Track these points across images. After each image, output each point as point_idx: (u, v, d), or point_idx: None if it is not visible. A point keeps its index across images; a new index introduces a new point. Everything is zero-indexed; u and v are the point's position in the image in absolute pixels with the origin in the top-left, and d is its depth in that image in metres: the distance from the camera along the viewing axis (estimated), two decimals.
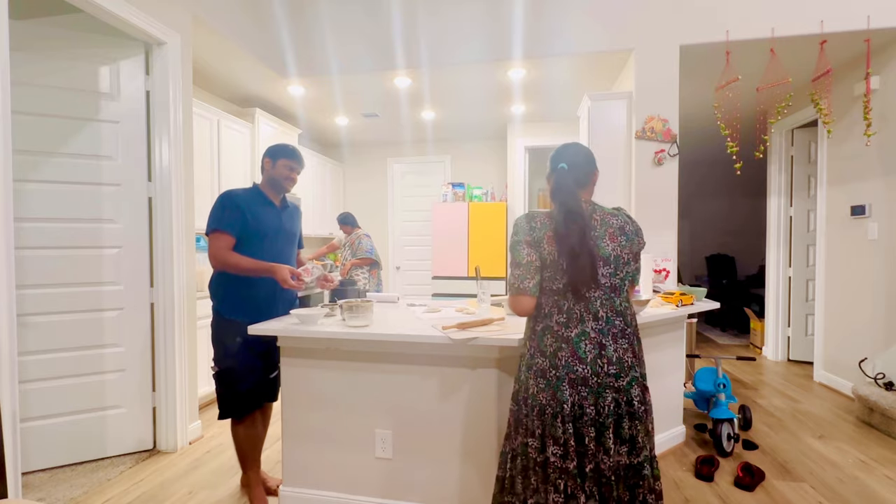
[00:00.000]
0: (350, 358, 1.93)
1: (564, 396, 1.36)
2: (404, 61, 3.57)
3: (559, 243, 1.38)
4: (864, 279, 3.36)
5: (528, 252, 1.41)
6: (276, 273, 1.92)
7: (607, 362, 1.37)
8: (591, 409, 1.36)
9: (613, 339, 1.39)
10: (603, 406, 1.37)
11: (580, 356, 1.37)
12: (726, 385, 2.73)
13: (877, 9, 2.88)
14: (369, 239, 4.60)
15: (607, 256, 1.39)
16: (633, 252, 1.44)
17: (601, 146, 3.42)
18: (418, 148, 6.18)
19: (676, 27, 3.15)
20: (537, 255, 1.40)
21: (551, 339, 1.40)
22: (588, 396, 1.36)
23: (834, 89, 3.47)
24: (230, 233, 1.94)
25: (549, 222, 1.41)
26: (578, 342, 1.37)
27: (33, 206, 2.34)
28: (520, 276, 1.41)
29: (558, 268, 1.38)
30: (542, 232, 1.40)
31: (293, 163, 2.09)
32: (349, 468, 1.95)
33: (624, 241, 1.42)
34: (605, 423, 1.37)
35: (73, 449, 2.44)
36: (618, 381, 1.38)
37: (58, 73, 2.39)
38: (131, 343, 2.56)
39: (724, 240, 7.16)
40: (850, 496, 2.15)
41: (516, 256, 1.43)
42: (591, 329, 1.38)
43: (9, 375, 1.80)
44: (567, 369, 1.37)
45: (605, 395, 1.37)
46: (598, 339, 1.38)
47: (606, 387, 1.37)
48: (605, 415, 1.37)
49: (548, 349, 1.40)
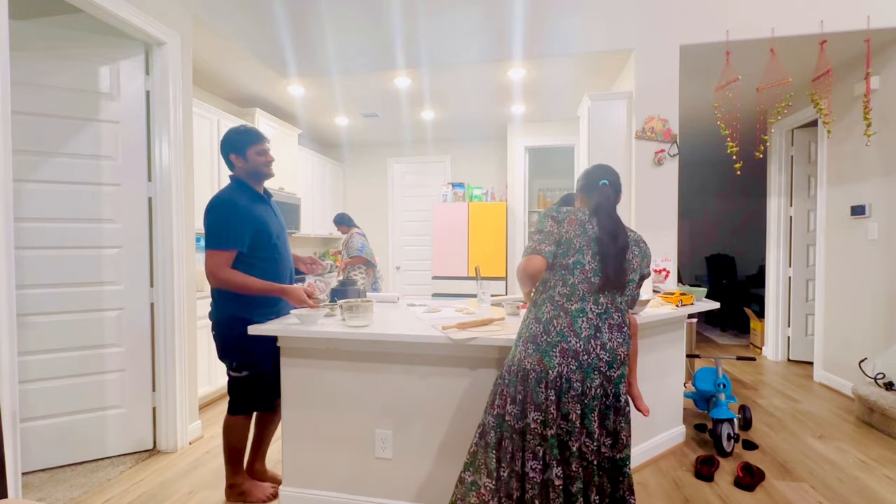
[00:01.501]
0: (350, 358, 1.93)
1: (552, 363, 1.39)
2: (404, 61, 3.57)
3: (602, 247, 1.46)
4: (864, 279, 3.36)
5: (551, 224, 1.51)
6: (290, 296, 1.90)
7: (600, 347, 1.40)
8: (578, 384, 1.38)
9: (610, 329, 1.43)
10: (590, 387, 1.38)
11: (575, 329, 1.40)
12: (726, 385, 2.73)
13: (877, 9, 2.88)
14: (362, 238, 4.59)
15: (630, 262, 1.49)
16: (640, 268, 1.53)
17: (601, 146, 3.42)
18: (418, 148, 6.18)
19: (676, 27, 3.15)
20: (558, 229, 1.50)
21: (550, 307, 1.45)
22: (576, 371, 1.38)
23: (834, 89, 3.46)
24: (234, 248, 1.85)
25: (576, 213, 1.53)
26: (577, 316, 1.42)
27: (33, 206, 2.34)
28: (539, 239, 1.50)
29: (572, 245, 1.46)
30: (567, 215, 1.52)
31: (261, 145, 1.97)
32: (349, 468, 1.95)
33: (637, 252, 1.53)
34: (590, 404, 1.38)
35: (72, 449, 2.44)
36: (609, 371, 1.40)
37: (58, 73, 2.39)
38: (131, 343, 2.56)
39: (724, 240, 7.16)
40: (850, 496, 2.15)
41: (541, 224, 1.54)
42: (591, 310, 1.43)
43: (9, 375, 1.80)
44: (560, 337, 1.40)
45: (594, 377, 1.39)
46: (594, 321, 1.42)
47: (596, 369, 1.38)
48: (590, 396, 1.38)
49: (544, 316, 1.45)
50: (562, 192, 5.76)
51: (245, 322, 1.92)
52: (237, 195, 1.94)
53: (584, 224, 1.50)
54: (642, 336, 2.33)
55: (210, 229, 1.87)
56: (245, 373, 1.98)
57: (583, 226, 1.49)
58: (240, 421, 2.03)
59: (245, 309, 1.94)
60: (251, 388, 2.01)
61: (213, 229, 1.86)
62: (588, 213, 1.53)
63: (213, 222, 1.87)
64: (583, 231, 1.48)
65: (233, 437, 2.04)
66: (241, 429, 2.04)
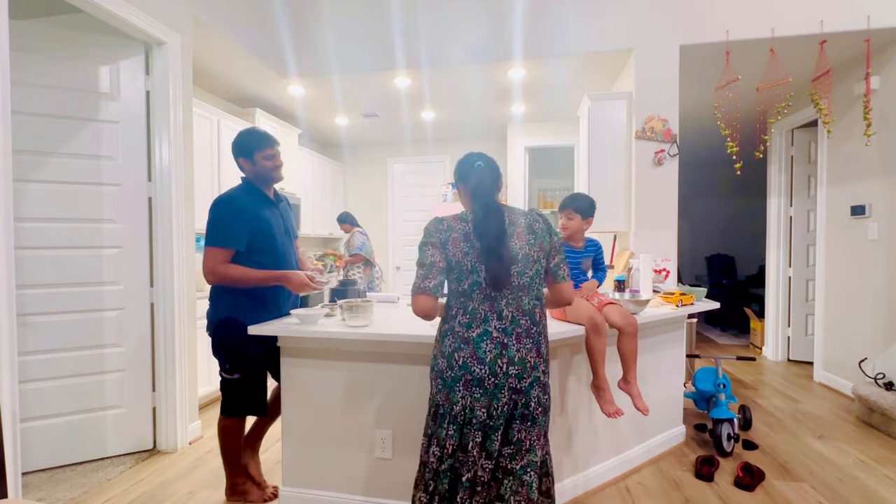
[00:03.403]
0: (350, 358, 1.93)
1: (456, 398, 1.35)
2: (404, 61, 3.57)
3: (478, 240, 1.36)
4: (864, 279, 3.36)
5: (433, 253, 1.38)
6: (290, 280, 1.88)
7: (507, 363, 1.35)
8: (483, 412, 1.35)
9: (517, 338, 1.37)
10: (497, 407, 1.35)
11: (479, 356, 1.35)
12: (726, 385, 2.73)
13: (877, 9, 2.88)
14: (363, 236, 4.60)
15: (515, 255, 1.37)
16: (543, 250, 1.43)
17: (601, 146, 3.42)
18: (418, 148, 6.18)
19: (676, 27, 3.15)
20: (443, 256, 1.38)
21: (451, 339, 1.38)
22: (481, 398, 1.35)
23: (834, 89, 3.46)
24: (232, 247, 1.85)
25: (456, 224, 1.40)
26: (479, 342, 1.35)
27: (33, 206, 2.34)
28: (422, 275, 1.38)
29: (463, 268, 1.37)
30: (449, 234, 1.38)
31: (270, 149, 1.96)
32: (349, 468, 1.95)
33: (532, 239, 1.41)
34: (494, 425, 1.35)
35: (72, 449, 2.44)
36: (519, 383, 1.36)
37: (58, 73, 2.39)
38: (131, 343, 2.56)
39: (724, 240, 7.16)
40: (850, 496, 2.15)
41: (421, 257, 1.40)
42: (494, 329, 1.36)
43: (9, 375, 1.80)
44: (463, 370, 1.35)
45: (501, 395, 1.35)
46: (500, 338, 1.36)
47: (503, 387, 1.35)
48: (495, 416, 1.35)
49: (447, 349, 1.39)
50: (562, 193, 5.76)
51: (241, 325, 1.90)
52: (241, 195, 1.94)
53: (469, 236, 1.37)
54: (642, 336, 2.32)
55: (209, 227, 1.87)
56: (237, 375, 1.96)
57: (468, 239, 1.36)
58: (232, 423, 2.02)
59: (242, 312, 1.93)
60: (244, 392, 1.99)
61: (212, 227, 1.87)
62: (468, 222, 1.39)
63: (213, 220, 1.87)
64: (470, 246, 1.36)
65: (228, 440, 2.03)
66: (235, 431, 2.03)
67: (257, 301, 1.97)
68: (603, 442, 2.26)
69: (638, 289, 2.67)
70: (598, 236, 3.91)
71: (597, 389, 1.93)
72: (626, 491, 2.20)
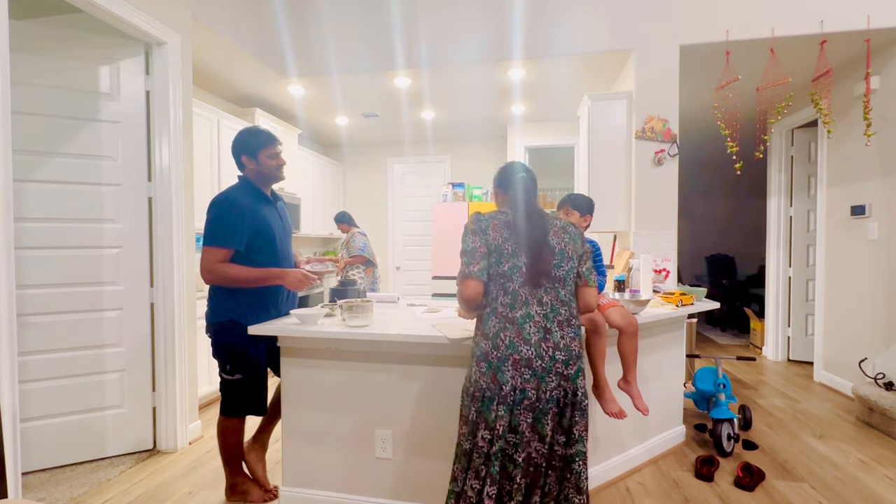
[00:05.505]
0: (350, 358, 1.93)
1: (505, 378, 1.37)
2: (404, 61, 3.57)
3: (522, 232, 1.45)
4: (864, 279, 3.36)
5: (474, 240, 1.46)
6: (287, 278, 1.88)
7: (553, 347, 1.38)
8: (533, 392, 1.37)
9: (559, 325, 1.41)
10: (546, 391, 1.37)
11: (525, 337, 1.38)
12: (726, 385, 2.73)
13: (877, 9, 2.88)
14: (363, 237, 4.60)
15: (552, 248, 1.46)
16: (576, 251, 1.50)
17: (601, 146, 3.42)
18: (418, 148, 6.18)
19: (676, 27, 3.15)
20: (483, 241, 1.46)
21: (495, 320, 1.42)
22: (531, 380, 1.37)
23: (834, 89, 3.46)
24: (231, 247, 1.84)
25: (497, 215, 1.50)
26: (523, 323, 1.39)
27: (33, 206, 2.34)
28: (466, 262, 1.46)
29: (504, 252, 1.43)
30: (490, 221, 1.48)
31: (273, 148, 1.97)
32: (349, 468, 1.95)
33: (567, 238, 1.50)
34: (544, 408, 1.37)
35: (72, 449, 2.44)
36: (566, 369, 1.39)
37: (58, 73, 2.39)
38: (131, 343, 2.56)
39: (724, 240, 7.16)
40: (850, 496, 2.15)
41: (463, 246, 1.48)
42: (536, 313, 1.40)
43: (9, 375, 1.80)
44: (511, 349, 1.38)
45: (549, 380, 1.37)
46: (542, 323, 1.40)
47: (551, 371, 1.37)
48: (545, 400, 1.37)
49: (491, 331, 1.42)
50: (562, 193, 5.76)
51: (241, 327, 1.90)
52: (240, 194, 1.92)
53: (510, 225, 1.47)
54: (642, 336, 2.32)
55: (209, 226, 1.86)
56: (238, 376, 1.96)
57: (509, 227, 1.46)
58: (233, 423, 2.02)
59: (241, 313, 1.93)
60: (244, 393, 1.99)
61: (211, 227, 1.85)
62: (510, 213, 1.50)
63: (212, 220, 1.85)
64: (510, 233, 1.45)
65: (227, 440, 2.03)
66: (235, 431, 2.03)
67: (257, 302, 1.96)
68: (603, 442, 2.26)
69: (638, 289, 2.67)
70: (598, 236, 3.92)
71: (597, 390, 1.93)
72: (626, 491, 2.20)
